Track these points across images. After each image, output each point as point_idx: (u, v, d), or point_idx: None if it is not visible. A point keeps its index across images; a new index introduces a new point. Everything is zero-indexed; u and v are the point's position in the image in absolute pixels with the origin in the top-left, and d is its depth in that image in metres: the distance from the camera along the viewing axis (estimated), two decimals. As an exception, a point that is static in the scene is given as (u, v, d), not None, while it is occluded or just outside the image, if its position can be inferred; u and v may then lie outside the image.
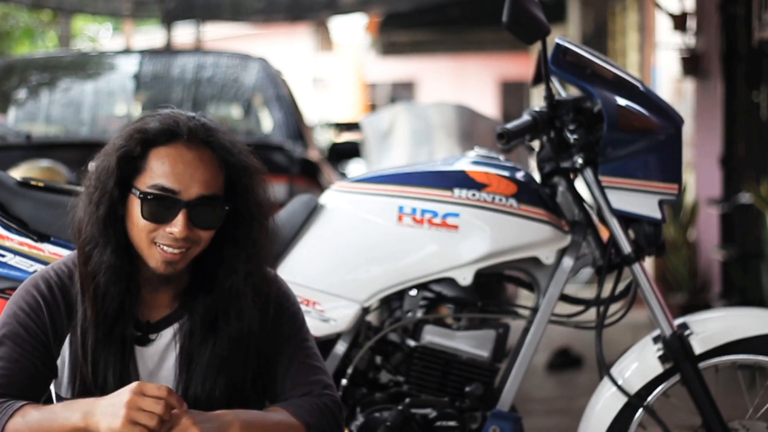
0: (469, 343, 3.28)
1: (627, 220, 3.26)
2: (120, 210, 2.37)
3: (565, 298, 3.34)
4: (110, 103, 6.71)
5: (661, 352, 3.23)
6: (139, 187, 2.35)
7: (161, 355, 2.44)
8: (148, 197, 2.34)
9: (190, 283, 2.45)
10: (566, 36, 8.09)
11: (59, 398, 2.45)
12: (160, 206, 2.34)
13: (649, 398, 3.24)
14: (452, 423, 3.22)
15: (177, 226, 2.33)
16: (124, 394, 2.21)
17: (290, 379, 2.47)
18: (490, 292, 3.57)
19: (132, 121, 2.44)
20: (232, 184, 2.41)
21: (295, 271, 3.24)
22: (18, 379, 2.35)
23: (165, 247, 2.35)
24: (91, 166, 2.41)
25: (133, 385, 2.22)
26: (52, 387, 2.46)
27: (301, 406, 2.43)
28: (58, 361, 2.41)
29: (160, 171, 2.35)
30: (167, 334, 2.44)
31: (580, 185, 3.33)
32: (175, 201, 2.34)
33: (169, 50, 9.51)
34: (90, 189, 2.38)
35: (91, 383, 2.38)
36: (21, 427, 2.27)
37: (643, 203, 3.22)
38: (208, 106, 6.47)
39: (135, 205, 2.36)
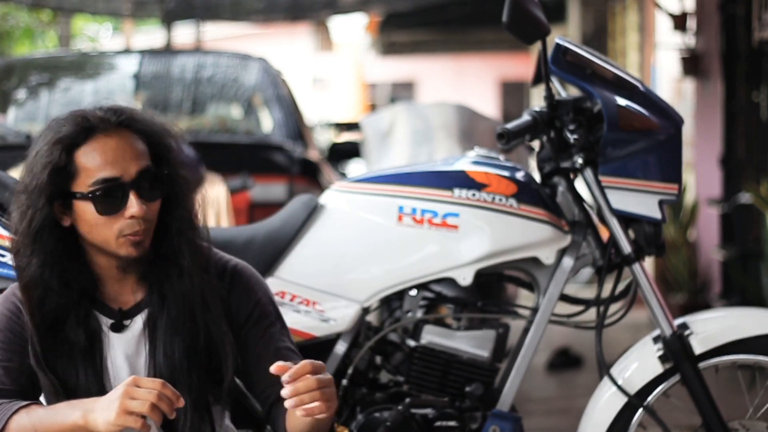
0: (469, 343, 3.28)
1: (627, 220, 3.26)
2: (65, 220, 2.41)
3: (565, 298, 3.34)
4: (110, 103, 6.69)
5: (661, 352, 3.23)
6: (81, 189, 2.40)
7: (137, 338, 2.47)
8: (96, 193, 2.39)
9: (152, 264, 2.48)
10: (566, 36, 8.09)
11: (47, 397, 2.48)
12: (110, 197, 2.39)
13: (649, 398, 3.24)
14: (452, 423, 3.22)
15: (133, 207, 2.39)
16: (120, 387, 2.24)
17: (265, 367, 2.43)
18: (490, 292, 3.57)
19: (39, 136, 2.48)
20: (156, 151, 2.46)
21: (295, 271, 3.24)
22: (11, 376, 2.39)
23: (131, 235, 2.40)
24: (19, 184, 2.45)
25: (129, 378, 2.25)
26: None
27: None
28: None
29: (94, 166, 2.39)
30: (140, 319, 2.48)
31: (580, 185, 3.33)
32: (120, 185, 2.39)
33: (169, 50, 9.51)
34: (22, 207, 2.42)
35: (60, 387, 2.41)
36: (25, 422, 2.30)
37: (643, 203, 3.22)
38: (208, 106, 6.47)
39: (85, 209, 2.40)
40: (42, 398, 2.48)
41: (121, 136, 2.42)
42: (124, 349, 2.46)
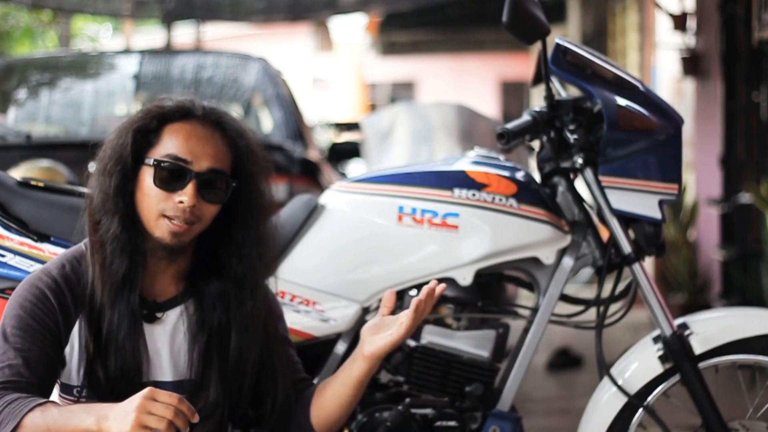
0: (469, 343, 3.28)
1: (627, 220, 3.26)
2: (130, 185, 2.46)
3: (565, 298, 3.34)
4: (110, 103, 6.71)
5: (661, 352, 3.23)
6: (153, 156, 2.46)
7: (166, 334, 2.50)
8: (162, 164, 2.44)
9: (196, 266, 2.52)
10: (566, 36, 8.09)
11: (64, 387, 2.48)
12: (172, 174, 2.44)
13: (649, 398, 3.24)
14: (452, 423, 3.22)
15: (187, 194, 2.43)
16: (136, 399, 2.23)
17: (284, 375, 2.58)
18: (490, 292, 3.57)
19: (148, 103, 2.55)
20: (238, 168, 2.51)
21: (295, 271, 3.24)
22: (31, 367, 2.39)
23: (172, 220, 2.43)
24: (106, 142, 2.51)
25: (145, 390, 2.24)
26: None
27: None
28: (67, 349, 2.45)
29: (174, 143, 2.46)
30: (173, 314, 2.50)
31: (580, 185, 3.33)
32: (186, 171, 2.44)
33: (169, 50, 9.51)
34: (104, 160, 2.48)
35: (99, 361, 2.43)
36: (39, 422, 2.30)
37: (643, 203, 3.23)
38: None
39: (147, 176, 2.45)
40: (55, 391, 2.49)
41: (212, 132, 2.49)
42: (152, 340, 2.48)
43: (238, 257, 2.50)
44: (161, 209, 2.44)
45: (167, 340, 2.49)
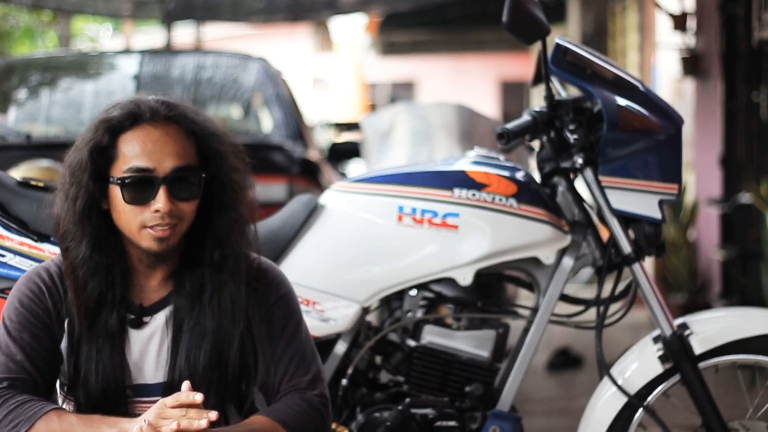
0: (469, 343, 3.28)
1: (627, 220, 3.26)
2: (104, 203, 2.42)
3: (565, 298, 3.34)
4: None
5: (661, 352, 3.23)
6: (115, 174, 2.41)
7: (155, 337, 2.47)
8: (126, 181, 2.39)
9: (180, 263, 2.48)
10: (566, 36, 8.09)
11: (62, 385, 2.48)
12: (139, 187, 2.39)
13: (649, 398, 3.24)
14: (452, 423, 3.22)
15: (160, 202, 2.38)
16: (151, 412, 2.26)
17: (280, 371, 2.49)
18: (490, 292, 3.57)
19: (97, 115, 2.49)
20: (204, 153, 2.45)
21: (295, 270, 3.23)
22: (34, 363, 2.39)
23: (154, 228, 2.39)
24: (64, 164, 2.46)
25: (159, 403, 2.26)
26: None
27: (282, 409, 2.46)
28: (62, 346, 2.45)
29: (132, 154, 2.40)
30: (161, 317, 2.47)
31: (580, 185, 3.33)
32: (151, 179, 2.39)
33: (169, 50, 9.51)
34: (65, 185, 2.44)
35: (73, 374, 2.43)
36: (55, 427, 2.31)
37: (643, 203, 3.23)
38: (208, 106, 6.46)
39: (116, 194, 2.41)
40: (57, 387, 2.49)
41: (166, 130, 2.42)
42: (140, 345, 2.46)
43: (215, 240, 2.45)
44: (140, 222, 2.39)
45: (156, 343, 2.46)
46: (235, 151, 2.49)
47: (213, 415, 2.24)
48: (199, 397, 2.25)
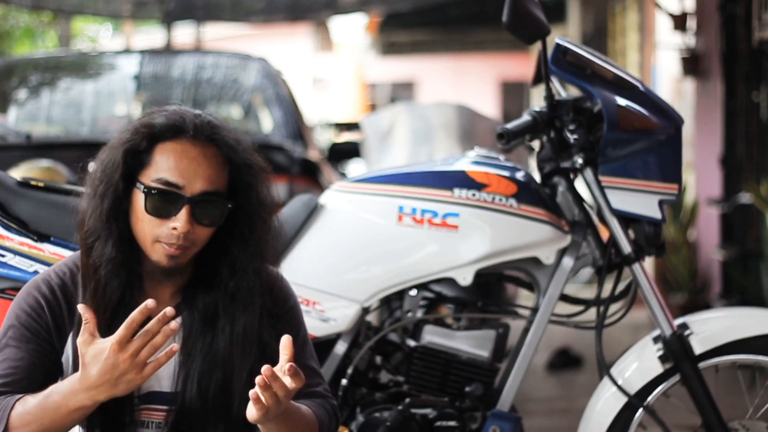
0: (469, 343, 3.28)
1: (627, 220, 3.26)
2: (124, 204, 2.39)
3: (565, 298, 3.34)
4: (110, 103, 6.71)
5: (661, 352, 3.23)
6: (144, 181, 2.37)
7: (162, 346, 2.44)
8: (152, 191, 2.36)
9: (192, 279, 2.46)
10: (566, 36, 8.09)
11: None
12: (164, 201, 2.36)
13: (649, 398, 3.24)
14: (452, 423, 3.22)
15: (180, 221, 2.35)
16: (109, 361, 2.21)
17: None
18: (490, 292, 3.57)
19: (139, 116, 2.46)
20: (236, 182, 2.42)
21: (295, 270, 3.23)
22: (25, 377, 2.37)
23: (168, 244, 2.37)
24: (96, 160, 2.43)
25: (109, 350, 2.21)
26: None
27: (317, 405, 2.45)
28: (63, 359, 2.43)
29: (165, 165, 2.37)
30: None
31: (580, 185, 3.33)
32: (178, 196, 2.36)
33: (169, 50, 9.51)
34: (95, 182, 2.40)
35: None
36: (25, 415, 2.28)
37: (643, 203, 3.23)
38: (208, 106, 6.46)
39: (139, 200, 2.38)
40: None
41: (205, 152, 2.38)
42: None
43: (232, 270, 2.42)
44: (156, 235, 2.37)
45: (161, 352, 2.45)
46: (266, 182, 2.47)
47: (169, 310, 2.21)
48: (170, 310, 2.22)
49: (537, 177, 3.35)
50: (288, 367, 2.21)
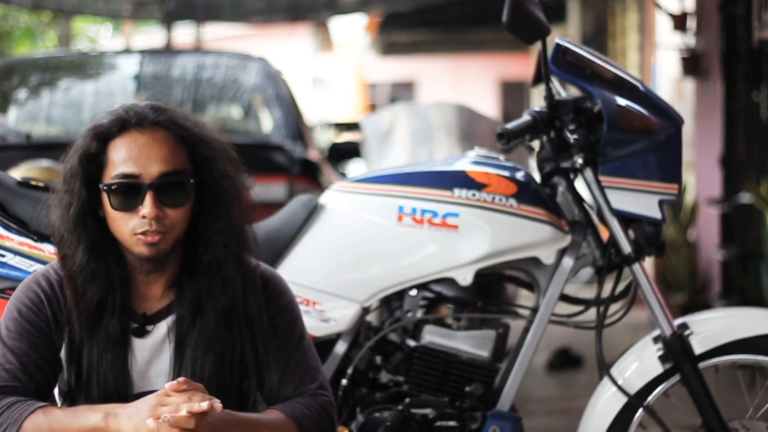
0: (469, 343, 3.28)
1: (627, 220, 3.26)
2: (100, 212, 2.42)
3: (565, 298, 3.34)
4: (110, 103, 6.67)
5: (661, 352, 3.23)
6: (105, 181, 2.41)
7: (157, 346, 2.46)
8: (113, 187, 2.39)
9: (180, 271, 2.47)
10: (566, 36, 8.09)
11: (61, 392, 2.48)
12: (126, 193, 2.39)
13: (649, 398, 3.24)
14: (452, 423, 3.22)
15: (146, 207, 2.37)
16: (151, 398, 2.25)
17: (286, 379, 2.48)
18: (490, 292, 3.57)
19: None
20: (195, 159, 2.44)
21: (295, 271, 3.24)
22: (29, 372, 2.38)
23: (144, 234, 2.39)
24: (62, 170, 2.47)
25: (161, 391, 2.26)
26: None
27: (295, 405, 2.46)
28: (62, 354, 2.44)
29: (119, 160, 2.40)
30: (164, 325, 2.46)
31: (580, 185, 3.33)
32: (138, 185, 2.38)
33: (169, 50, 9.51)
34: (59, 193, 2.44)
35: (74, 381, 2.42)
36: (42, 423, 2.30)
37: (643, 203, 3.23)
38: (208, 106, 6.47)
39: (106, 200, 2.41)
40: (56, 394, 2.49)
41: (154, 136, 2.41)
42: (144, 354, 2.45)
43: (205, 248, 2.43)
44: (131, 228, 2.39)
45: (159, 351, 2.45)
46: (227, 156, 2.48)
47: (217, 403, 2.24)
48: (200, 386, 2.25)
49: (537, 177, 3.35)
50: (175, 385, 2.26)
